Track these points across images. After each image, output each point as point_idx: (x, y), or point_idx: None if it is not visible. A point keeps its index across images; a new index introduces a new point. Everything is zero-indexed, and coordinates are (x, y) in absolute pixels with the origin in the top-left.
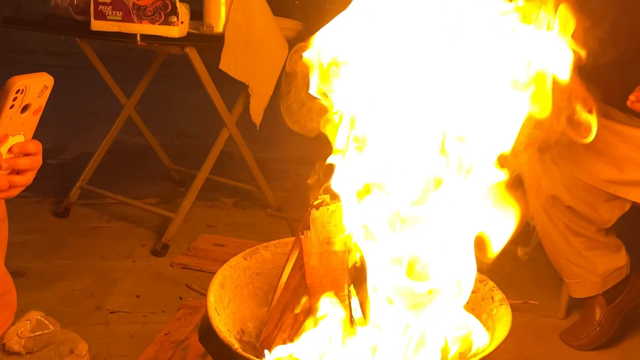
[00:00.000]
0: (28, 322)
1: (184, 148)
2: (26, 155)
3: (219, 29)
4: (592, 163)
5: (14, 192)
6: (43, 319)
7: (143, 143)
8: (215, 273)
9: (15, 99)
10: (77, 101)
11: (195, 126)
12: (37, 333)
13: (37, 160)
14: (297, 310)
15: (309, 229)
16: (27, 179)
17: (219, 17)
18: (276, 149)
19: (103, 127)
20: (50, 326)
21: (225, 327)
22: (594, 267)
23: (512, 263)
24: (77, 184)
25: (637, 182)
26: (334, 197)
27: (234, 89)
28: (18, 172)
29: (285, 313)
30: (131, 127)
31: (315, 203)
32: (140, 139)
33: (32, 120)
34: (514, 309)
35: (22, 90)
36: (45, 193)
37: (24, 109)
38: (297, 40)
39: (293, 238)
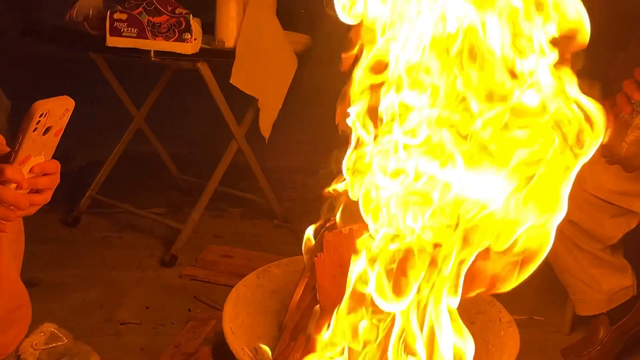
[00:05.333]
0: (42, 334)
1: (191, 157)
2: (45, 174)
3: (230, 44)
4: (597, 173)
5: (33, 210)
6: (57, 331)
7: (150, 151)
8: (223, 285)
9: (38, 122)
10: (84, 108)
11: (202, 134)
12: (51, 345)
13: (55, 179)
14: (310, 331)
15: (322, 251)
16: (46, 197)
17: (230, 32)
18: (282, 158)
19: (110, 135)
20: (64, 338)
21: (239, 346)
22: (599, 285)
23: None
24: (87, 194)
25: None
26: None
27: (243, 99)
28: (37, 190)
29: (297, 333)
30: (138, 135)
31: (328, 225)
32: (148, 147)
33: (52, 141)
34: (518, 324)
35: (45, 114)
36: (55, 202)
37: (46, 131)
38: (306, 54)
39: (304, 256)
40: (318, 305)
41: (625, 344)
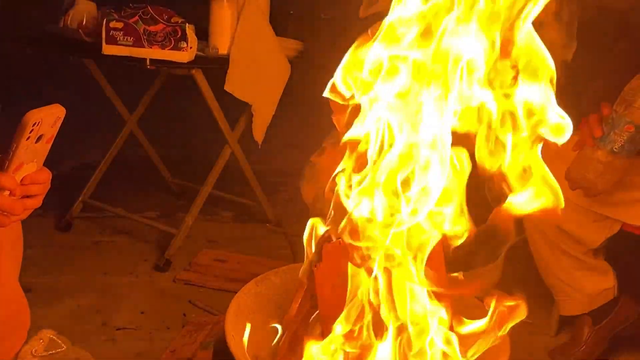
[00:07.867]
0: (41, 340)
1: (183, 160)
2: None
3: (224, 50)
4: None
5: (26, 215)
6: (55, 338)
7: (142, 155)
8: (217, 289)
9: (31, 131)
10: (76, 112)
11: (195, 138)
12: (50, 352)
13: (46, 185)
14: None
15: (321, 261)
16: (37, 201)
17: (224, 39)
18: (274, 161)
19: (100, 137)
20: (63, 345)
21: (242, 354)
22: (582, 287)
23: (505, 280)
24: (80, 199)
25: (622, 201)
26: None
27: (236, 104)
28: (29, 195)
29: (295, 340)
30: (131, 139)
31: (327, 236)
32: (140, 151)
33: (44, 148)
34: None
35: (38, 122)
36: (46, 206)
37: (38, 139)
38: (298, 60)
39: (300, 264)
40: (317, 314)
41: (609, 343)
